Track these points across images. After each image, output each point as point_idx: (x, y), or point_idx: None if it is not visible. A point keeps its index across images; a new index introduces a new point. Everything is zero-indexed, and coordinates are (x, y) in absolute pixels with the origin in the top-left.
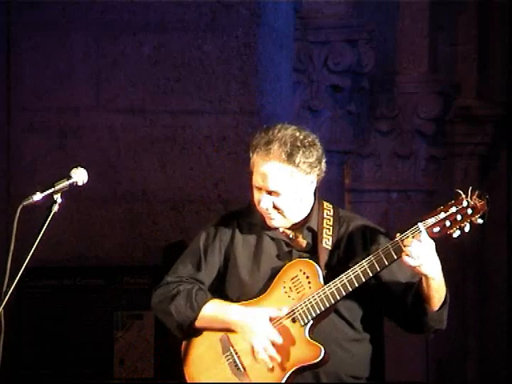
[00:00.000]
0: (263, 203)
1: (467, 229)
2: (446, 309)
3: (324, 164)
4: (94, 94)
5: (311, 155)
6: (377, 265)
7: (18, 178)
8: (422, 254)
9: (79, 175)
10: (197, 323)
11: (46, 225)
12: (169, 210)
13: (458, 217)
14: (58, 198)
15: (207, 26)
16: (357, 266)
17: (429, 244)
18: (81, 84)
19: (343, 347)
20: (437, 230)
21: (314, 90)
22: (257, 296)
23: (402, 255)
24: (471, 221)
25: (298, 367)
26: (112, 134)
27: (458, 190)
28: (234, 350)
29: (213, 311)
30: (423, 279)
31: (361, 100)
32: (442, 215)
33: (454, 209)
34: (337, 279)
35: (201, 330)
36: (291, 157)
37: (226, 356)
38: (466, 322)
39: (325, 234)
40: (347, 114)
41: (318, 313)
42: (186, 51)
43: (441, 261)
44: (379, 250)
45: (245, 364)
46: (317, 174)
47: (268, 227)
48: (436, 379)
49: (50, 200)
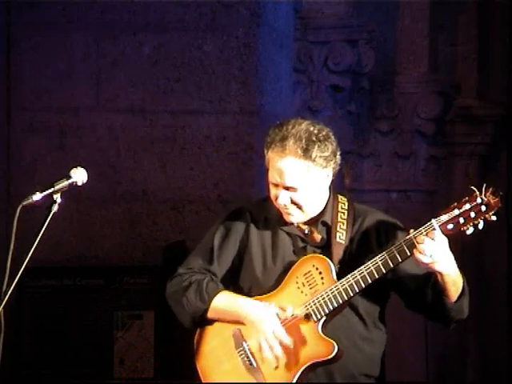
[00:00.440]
0: (281, 199)
1: (481, 226)
2: (466, 298)
3: (339, 157)
4: (93, 94)
5: (326, 149)
6: (390, 261)
7: (17, 178)
8: (435, 252)
9: (79, 175)
10: (208, 314)
11: (45, 225)
12: (169, 210)
13: (472, 214)
14: (57, 197)
15: (207, 26)
16: (370, 262)
17: (442, 241)
18: (81, 84)
19: (356, 344)
20: (450, 226)
21: (314, 89)
22: (269, 291)
23: (415, 252)
24: (485, 218)
25: (311, 363)
26: (112, 134)
27: (472, 187)
28: (247, 345)
29: (223, 303)
30: (438, 275)
31: (361, 100)
32: (456, 212)
33: (467, 206)
34: (350, 275)
35: (212, 320)
36: (307, 152)
37: (239, 351)
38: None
39: (339, 228)
40: (347, 114)
41: (331, 309)
42: (186, 51)
43: None
44: (393, 247)
45: (257, 359)
46: (332, 167)
47: (285, 222)
48: (436, 379)
49: (49, 200)
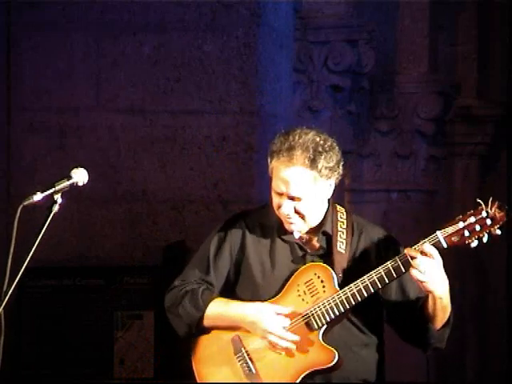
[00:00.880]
0: (284, 208)
1: (485, 239)
2: (449, 329)
3: (342, 167)
4: (94, 93)
5: (331, 160)
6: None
7: (18, 178)
8: (429, 269)
9: (79, 175)
10: (204, 322)
11: (46, 225)
12: (169, 209)
13: (477, 227)
14: (58, 198)
15: (207, 26)
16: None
17: (436, 260)
18: (81, 84)
19: (354, 352)
20: (455, 239)
21: (314, 89)
22: (270, 298)
23: (410, 269)
24: (490, 231)
25: (311, 371)
26: (112, 134)
27: (478, 200)
28: (246, 352)
29: (219, 309)
30: (430, 296)
31: (361, 100)
32: (461, 224)
33: (472, 219)
34: (352, 284)
35: (209, 328)
36: (314, 162)
37: (238, 357)
38: (466, 322)
39: (339, 238)
40: (347, 114)
41: (333, 317)
42: (186, 51)
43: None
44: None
45: (257, 366)
46: (336, 177)
47: (284, 231)
48: (436, 379)
49: (50, 200)
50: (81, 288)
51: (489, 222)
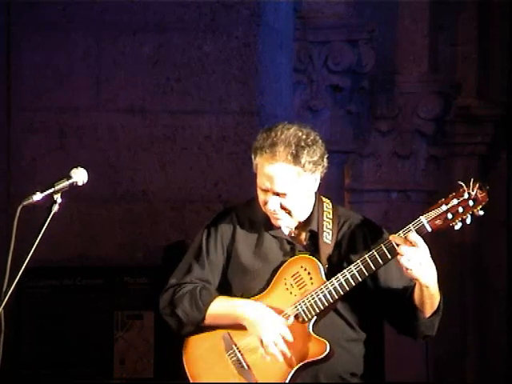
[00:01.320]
0: (270, 205)
1: (469, 221)
2: (438, 317)
3: (326, 160)
4: (94, 93)
5: (315, 154)
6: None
7: (17, 178)
8: (414, 256)
9: (79, 175)
10: (206, 321)
11: (46, 225)
12: (169, 210)
13: (460, 209)
14: (58, 198)
15: (207, 26)
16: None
17: (422, 248)
18: (81, 84)
19: (343, 346)
20: (439, 222)
21: (314, 90)
22: (259, 293)
23: (396, 255)
24: (473, 212)
25: (303, 363)
26: (112, 133)
27: (460, 182)
28: (237, 348)
29: (220, 308)
30: (417, 284)
31: (361, 100)
32: (444, 207)
33: (455, 201)
34: (339, 274)
35: (209, 327)
36: (297, 158)
37: (230, 354)
38: (466, 322)
39: (325, 228)
40: (347, 114)
41: (322, 308)
42: (186, 51)
43: (440, 260)
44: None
45: (249, 361)
46: (321, 171)
47: (271, 226)
48: (436, 379)
49: (50, 200)
50: (81, 288)
51: (471, 203)
